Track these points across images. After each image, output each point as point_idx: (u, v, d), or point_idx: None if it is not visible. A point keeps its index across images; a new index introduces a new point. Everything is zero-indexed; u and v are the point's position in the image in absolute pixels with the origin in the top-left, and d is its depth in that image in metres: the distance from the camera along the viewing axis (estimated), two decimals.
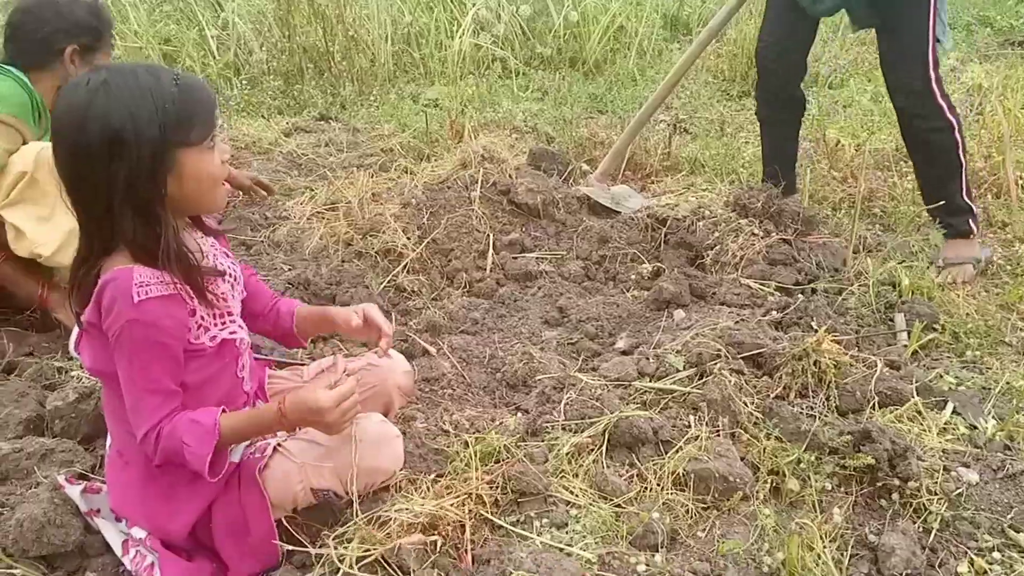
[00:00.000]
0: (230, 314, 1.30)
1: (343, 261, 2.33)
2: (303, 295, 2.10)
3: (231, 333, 1.29)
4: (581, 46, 4.84)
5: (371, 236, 2.45)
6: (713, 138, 3.44)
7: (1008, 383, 1.73)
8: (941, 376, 1.77)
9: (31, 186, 1.76)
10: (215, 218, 1.51)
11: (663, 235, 2.57)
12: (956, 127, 2.22)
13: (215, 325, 1.26)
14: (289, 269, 2.28)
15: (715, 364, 1.72)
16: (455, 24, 4.78)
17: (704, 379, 1.69)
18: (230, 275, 1.33)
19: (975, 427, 1.61)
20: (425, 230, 2.50)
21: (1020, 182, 2.65)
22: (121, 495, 1.30)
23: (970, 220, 2.28)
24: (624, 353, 1.93)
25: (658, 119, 3.68)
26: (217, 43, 4.43)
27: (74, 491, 1.32)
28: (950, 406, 1.66)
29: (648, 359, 1.82)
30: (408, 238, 2.43)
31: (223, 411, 1.21)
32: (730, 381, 1.65)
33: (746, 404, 1.62)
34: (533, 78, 4.55)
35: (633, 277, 2.43)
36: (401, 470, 1.39)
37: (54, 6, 1.88)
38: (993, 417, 1.63)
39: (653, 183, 3.08)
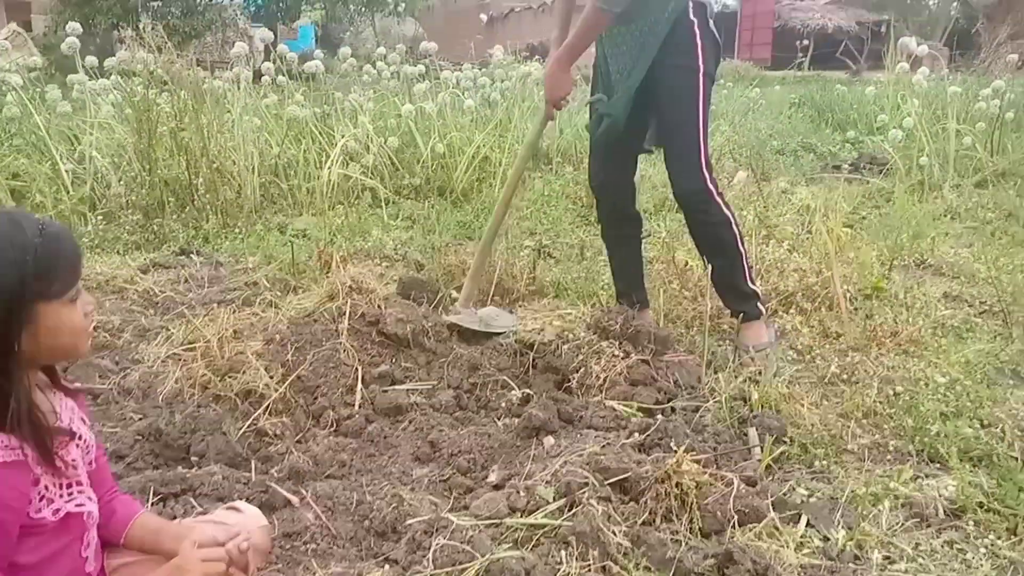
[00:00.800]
0: (79, 484, 1.18)
1: (199, 406, 2.22)
2: (154, 447, 1.98)
3: (78, 506, 1.16)
4: (448, 175, 5.03)
5: (230, 377, 2.36)
6: (574, 262, 3.60)
7: (852, 491, 1.83)
8: (794, 488, 1.86)
9: None
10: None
11: (531, 359, 2.62)
12: (732, 220, 2.55)
13: (60, 496, 1.14)
14: (140, 418, 2.15)
15: (584, 493, 1.73)
16: (324, 155, 4.86)
17: (574, 509, 1.70)
18: (84, 440, 1.22)
19: (827, 539, 1.69)
20: (289, 367, 2.43)
21: (848, 295, 2.91)
22: None
23: (758, 303, 2.61)
24: (496, 487, 1.92)
25: (524, 245, 3.82)
26: (72, 177, 4.29)
27: None
28: (804, 519, 1.74)
29: (519, 492, 1.81)
30: (271, 377, 2.36)
31: None
32: (598, 511, 1.66)
33: (615, 534, 1.63)
34: (403, 207, 4.66)
35: (504, 404, 2.45)
36: None
37: None
38: (843, 527, 1.71)
39: (521, 307, 3.16)
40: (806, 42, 19.49)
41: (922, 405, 2.15)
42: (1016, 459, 1.92)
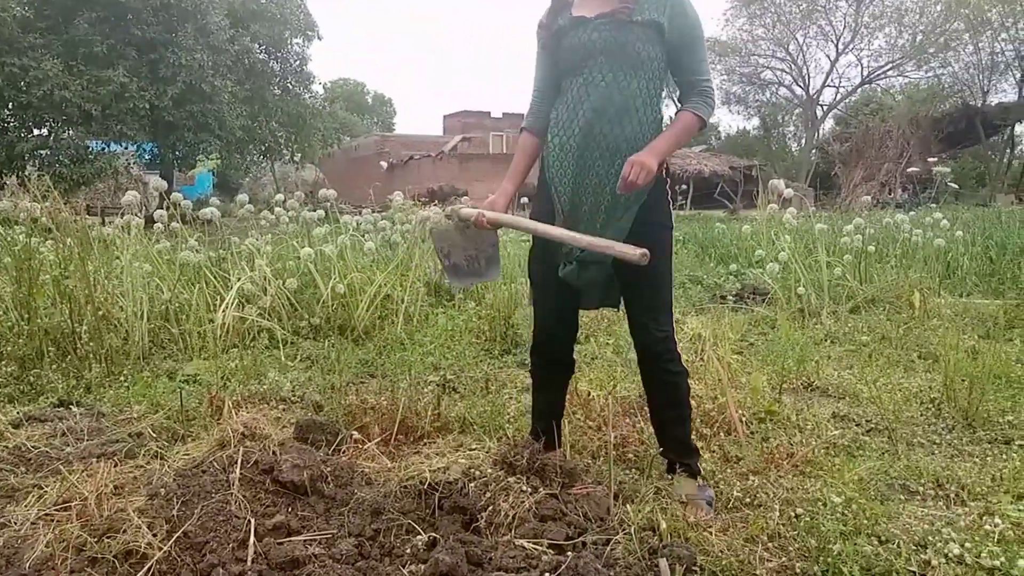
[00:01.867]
0: None
1: (72, 572, 2.01)
2: None
3: None
4: (350, 314, 5.00)
5: (109, 537, 2.16)
6: (479, 396, 3.58)
7: None
8: None
9: None
10: None
11: (437, 500, 2.53)
12: (687, 374, 2.55)
13: None
14: None
15: None
16: (219, 298, 4.75)
17: None
18: None
19: None
20: (175, 523, 2.25)
21: (743, 419, 3.00)
22: None
23: (698, 460, 2.58)
24: None
25: (428, 380, 3.79)
26: None
27: None
28: None
29: None
30: (154, 534, 2.17)
31: None
32: None
33: None
34: (302, 347, 4.56)
35: (409, 550, 2.33)
36: None
37: None
38: None
39: (425, 445, 3.09)
40: (684, 186, 21.08)
41: (822, 525, 2.19)
42: (914, 573, 1.97)
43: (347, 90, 56.01)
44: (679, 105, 2.44)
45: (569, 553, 2.12)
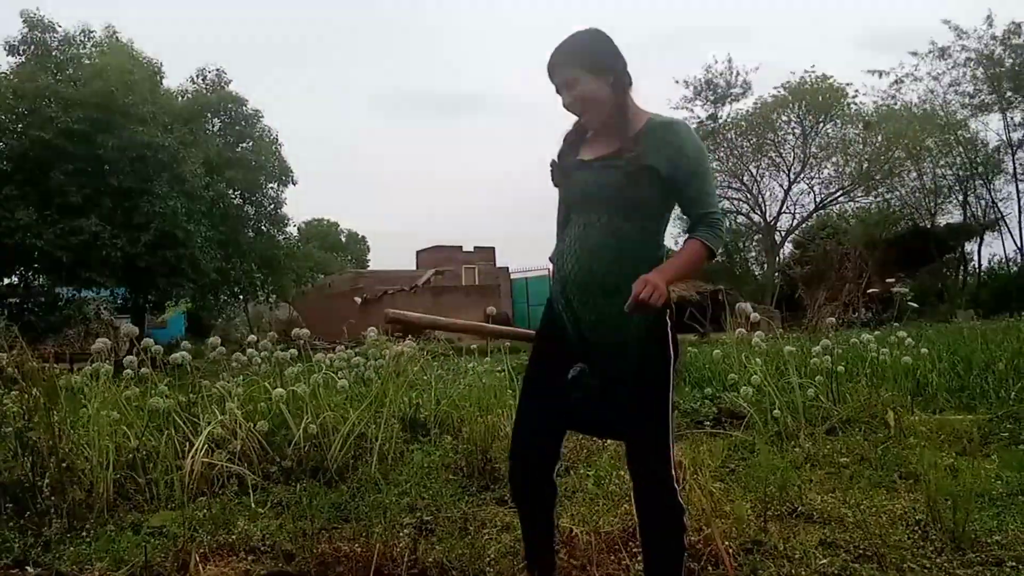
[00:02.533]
0: None
1: None
2: None
3: None
4: (322, 455, 4.88)
5: None
6: (458, 539, 3.46)
7: None
8: None
9: None
10: None
11: None
12: (684, 511, 2.45)
13: None
14: None
15: None
16: (188, 444, 4.63)
17: None
18: None
19: None
20: None
21: (730, 551, 2.93)
22: None
23: None
24: None
25: (404, 523, 3.67)
26: None
27: None
28: None
29: None
30: None
31: None
32: None
33: None
34: (273, 492, 4.42)
35: None
36: None
37: None
38: None
39: None
40: None
41: None
42: None
43: (321, 230, 57.26)
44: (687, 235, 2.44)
45: None
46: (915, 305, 15.83)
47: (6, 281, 19.57)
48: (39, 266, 18.68)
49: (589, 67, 2.43)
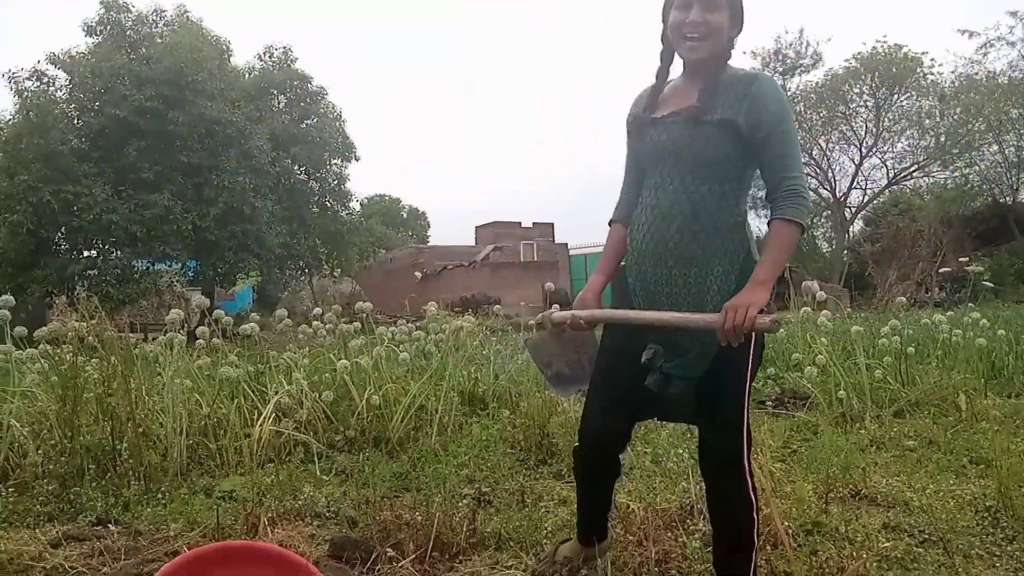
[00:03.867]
0: None
1: None
2: None
3: None
4: (384, 426, 5.00)
5: None
6: (515, 510, 3.51)
7: None
8: None
9: None
10: None
11: None
12: (754, 506, 2.30)
13: None
14: None
15: None
16: (256, 413, 4.80)
17: None
18: None
19: None
20: None
21: (790, 532, 2.89)
22: None
23: None
24: None
25: (463, 494, 3.74)
26: None
27: None
28: None
29: None
30: None
31: None
32: None
33: None
34: (337, 460, 4.55)
35: None
36: None
37: None
38: None
39: (461, 562, 3.02)
40: None
41: None
42: None
43: (383, 206, 57.96)
44: (767, 206, 2.22)
45: None
46: (991, 284, 15.18)
47: (85, 254, 20.44)
48: (115, 240, 19.45)
49: (729, 3, 2.25)
